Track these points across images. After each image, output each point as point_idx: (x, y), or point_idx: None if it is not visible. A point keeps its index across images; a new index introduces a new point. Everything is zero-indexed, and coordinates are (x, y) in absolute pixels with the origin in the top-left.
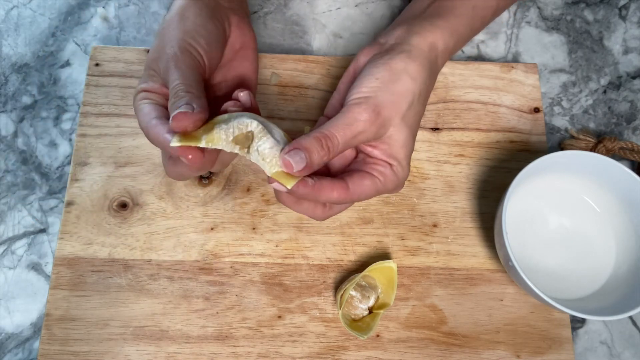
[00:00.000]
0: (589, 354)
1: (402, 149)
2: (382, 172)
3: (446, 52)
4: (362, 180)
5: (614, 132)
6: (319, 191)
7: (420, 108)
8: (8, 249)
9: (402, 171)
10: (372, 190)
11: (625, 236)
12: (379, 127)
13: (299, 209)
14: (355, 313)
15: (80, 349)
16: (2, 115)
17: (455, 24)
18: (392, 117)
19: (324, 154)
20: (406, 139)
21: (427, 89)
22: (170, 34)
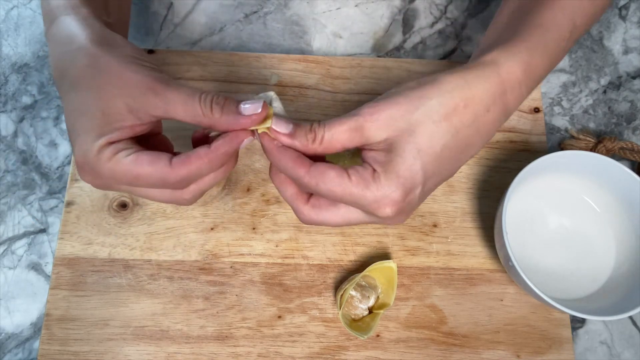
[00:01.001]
0: (589, 354)
1: (398, 158)
2: (359, 171)
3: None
4: (328, 169)
5: (614, 132)
6: (284, 152)
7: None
8: (8, 249)
9: (384, 185)
10: (337, 186)
11: (625, 236)
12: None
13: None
14: (355, 313)
15: (80, 349)
16: (2, 115)
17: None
18: (398, 118)
19: (311, 137)
20: (408, 150)
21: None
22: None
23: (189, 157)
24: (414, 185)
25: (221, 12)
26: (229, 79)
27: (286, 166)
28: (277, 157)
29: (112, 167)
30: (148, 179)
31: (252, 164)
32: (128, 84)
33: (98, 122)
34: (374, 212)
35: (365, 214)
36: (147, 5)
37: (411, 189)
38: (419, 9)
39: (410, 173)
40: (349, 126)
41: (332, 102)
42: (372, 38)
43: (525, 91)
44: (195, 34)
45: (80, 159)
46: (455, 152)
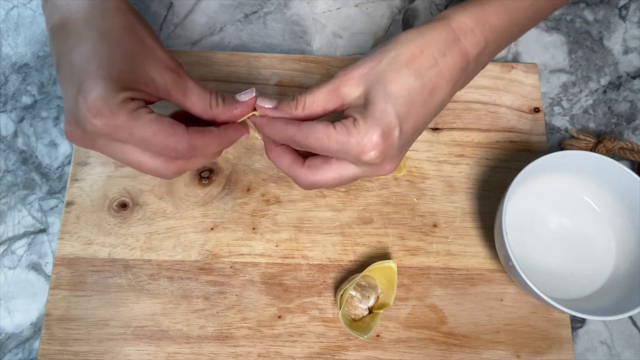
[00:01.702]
0: (589, 354)
1: (372, 105)
2: (341, 122)
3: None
4: (316, 123)
5: (614, 132)
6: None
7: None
8: (8, 249)
9: (362, 129)
10: (324, 135)
11: (625, 236)
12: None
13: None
14: (355, 313)
15: (80, 349)
16: (2, 115)
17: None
18: (365, 73)
19: (293, 104)
20: (378, 95)
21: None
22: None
23: (204, 130)
24: (390, 127)
25: (221, 12)
26: (229, 79)
27: (278, 131)
28: (269, 127)
29: (132, 120)
30: (163, 140)
31: (252, 164)
32: (159, 59)
33: (126, 75)
34: (360, 157)
35: (355, 165)
36: (147, 5)
37: (389, 130)
38: (419, 9)
39: (384, 115)
40: (327, 89)
41: None
42: (372, 38)
43: (481, 37)
44: (195, 34)
45: (99, 105)
46: (422, 95)
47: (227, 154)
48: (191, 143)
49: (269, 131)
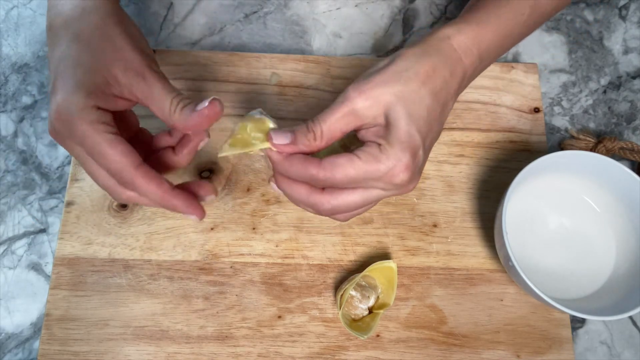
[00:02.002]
0: (589, 354)
1: (395, 128)
2: (365, 151)
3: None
4: (337, 158)
5: (614, 132)
6: (292, 160)
7: (420, 89)
8: (8, 249)
9: (392, 153)
10: (351, 168)
11: (625, 236)
12: (365, 107)
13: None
14: (355, 313)
15: (80, 349)
16: (2, 115)
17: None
18: (382, 94)
19: (311, 136)
20: (401, 118)
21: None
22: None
23: (152, 179)
24: (416, 147)
25: (221, 12)
26: (229, 79)
27: (297, 171)
28: (287, 167)
29: (88, 132)
30: (111, 164)
31: (252, 164)
32: (125, 59)
33: (91, 79)
34: (391, 181)
35: (381, 188)
36: (147, 5)
37: (415, 150)
38: (419, 9)
39: (410, 137)
40: (342, 113)
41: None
42: (372, 38)
43: (477, 55)
44: (195, 34)
45: (61, 107)
46: (437, 113)
47: None
48: (136, 181)
49: (287, 170)
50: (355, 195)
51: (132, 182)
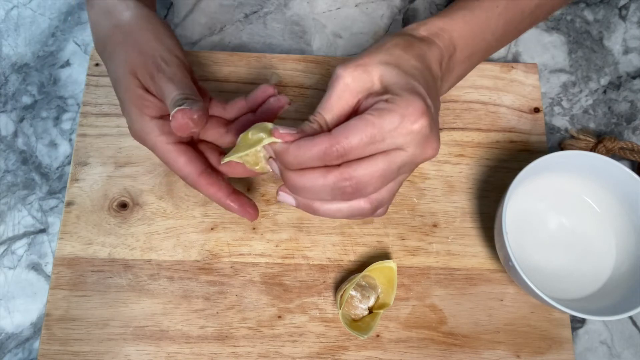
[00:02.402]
0: (589, 354)
1: (395, 84)
2: (374, 107)
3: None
4: (347, 123)
5: (614, 132)
6: (299, 142)
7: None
8: (8, 249)
9: (402, 99)
10: (365, 127)
11: (625, 236)
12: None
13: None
14: (355, 313)
15: (80, 349)
16: (2, 115)
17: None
18: (369, 64)
19: (315, 126)
20: (397, 75)
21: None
22: (147, 44)
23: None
24: (422, 94)
25: (221, 12)
26: (229, 79)
27: (308, 151)
28: (295, 150)
29: (155, 145)
30: (178, 171)
31: None
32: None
33: (134, 94)
34: (410, 129)
35: (403, 147)
36: None
37: (423, 96)
38: (419, 9)
39: (412, 86)
40: (337, 93)
41: None
42: (372, 38)
43: (449, 41)
44: (195, 34)
45: (129, 127)
46: (427, 76)
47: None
48: (197, 185)
49: (296, 155)
50: (378, 162)
51: (195, 186)
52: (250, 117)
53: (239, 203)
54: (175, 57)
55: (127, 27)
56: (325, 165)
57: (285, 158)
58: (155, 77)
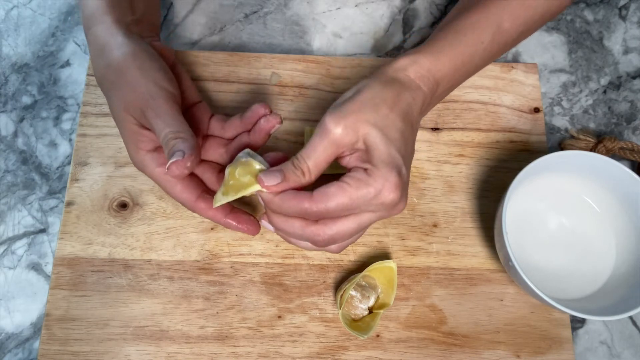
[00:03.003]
0: (589, 354)
1: (376, 151)
2: (353, 176)
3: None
4: (327, 188)
5: (614, 132)
6: (283, 197)
7: (390, 113)
8: (8, 249)
9: (379, 175)
10: (342, 196)
11: (625, 236)
12: (343, 135)
13: (287, 227)
14: (355, 313)
15: (80, 349)
16: (2, 115)
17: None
18: (358, 122)
19: (299, 173)
20: (380, 141)
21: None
22: (135, 81)
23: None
24: (399, 166)
25: (221, 12)
26: (229, 79)
27: (291, 207)
28: (280, 204)
29: (153, 175)
30: (175, 197)
31: None
32: (133, 100)
33: (129, 130)
34: (382, 202)
35: (372, 211)
36: None
37: (399, 169)
38: (419, 9)
39: (392, 157)
40: (324, 146)
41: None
42: (372, 38)
43: (434, 82)
44: (195, 34)
45: (130, 158)
46: (408, 133)
47: None
48: (194, 210)
49: (280, 207)
50: (349, 222)
51: (193, 210)
52: (245, 137)
53: (237, 221)
54: (164, 90)
55: (117, 66)
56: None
57: (270, 206)
58: (146, 114)
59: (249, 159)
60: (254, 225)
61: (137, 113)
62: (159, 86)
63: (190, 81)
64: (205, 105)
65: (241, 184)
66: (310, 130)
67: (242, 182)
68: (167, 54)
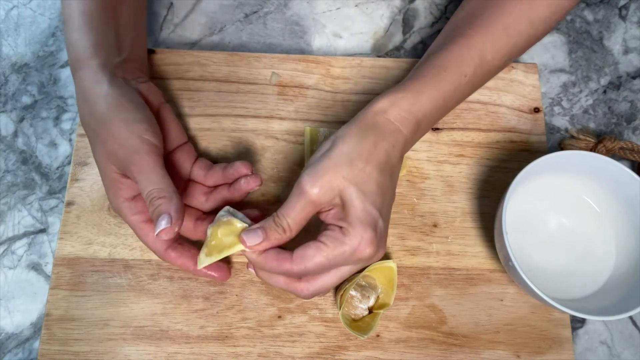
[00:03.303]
0: (589, 354)
1: (352, 208)
2: (329, 235)
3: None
4: (305, 250)
5: (614, 132)
6: (266, 257)
7: (366, 167)
8: (8, 249)
9: (355, 233)
10: (320, 257)
11: (625, 236)
12: (320, 195)
13: (272, 282)
14: (355, 313)
15: (80, 349)
16: (2, 115)
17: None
18: (334, 180)
19: (280, 230)
20: (356, 198)
21: (370, 149)
22: (119, 134)
23: (178, 258)
24: (375, 220)
25: (221, 12)
26: (229, 79)
27: (272, 267)
28: (263, 264)
29: (129, 222)
30: (147, 245)
31: (252, 164)
32: (116, 153)
33: (109, 178)
34: (359, 257)
35: (352, 264)
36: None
37: (375, 224)
38: (419, 9)
39: (367, 213)
40: (301, 205)
41: (332, 102)
42: (372, 38)
43: (415, 122)
44: (195, 34)
45: (111, 204)
46: (386, 183)
47: (227, 154)
48: (165, 258)
49: (263, 266)
50: (330, 276)
51: (164, 259)
52: (224, 191)
53: (208, 268)
54: (147, 144)
55: (101, 117)
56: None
57: (255, 265)
58: (129, 169)
59: (230, 217)
60: (223, 272)
61: (120, 165)
62: (142, 139)
63: (176, 122)
64: (190, 147)
65: (224, 244)
66: (310, 130)
67: (225, 242)
68: (152, 99)
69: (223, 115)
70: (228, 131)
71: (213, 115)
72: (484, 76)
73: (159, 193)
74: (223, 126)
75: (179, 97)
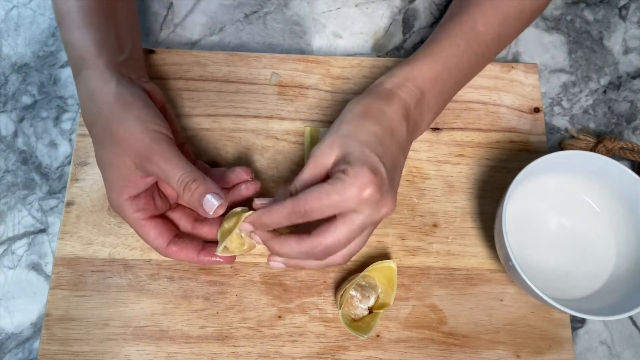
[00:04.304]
0: (589, 354)
1: (351, 154)
2: (333, 177)
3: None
4: (309, 190)
5: (614, 132)
6: (268, 207)
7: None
8: (8, 249)
9: (353, 172)
10: (325, 195)
11: (625, 236)
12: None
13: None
14: (355, 313)
15: (80, 349)
16: (2, 115)
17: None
18: (333, 139)
19: (287, 193)
20: (352, 144)
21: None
22: (136, 129)
23: (180, 252)
24: (374, 163)
25: (221, 12)
26: (229, 79)
27: (277, 211)
28: (268, 212)
29: (129, 220)
30: (148, 242)
31: (252, 164)
32: (134, 147)
33: (117, 175)
34: (360, 196)
35: (357, 212)
36: (147, 5)
37: (375, 166)
38: (419, 9)
39: (366, 156)
40: (310, 168)
41: (332, 102)
42: (372, 38)
43: (415, 88)
44: (195, 34)
45: (110, 204)
46: (386, 136)
47: (227, 154)
48: (166, 255)
49: (269, 215)
50: (339, 225)
51: (165, 256)
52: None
53: (209, 256)
54: (164, 135)
55: (112, 116)
56: (293, 223)
57: (260, 222)
58: (152, 160)
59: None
60: (225, 259)
61: (139, 158)
62: (160, 132)
63: (177, 122)
64: (188, 148)
65: (230, 226)
66: (310, 130)
67: (230, 224)
68: (157, 96)
69: (223, 115)
70: (228, 131)
71: (213, 115)
72: (479, 48)
73: (192, 176)
74: (223, 126)
75: (179, 97)
